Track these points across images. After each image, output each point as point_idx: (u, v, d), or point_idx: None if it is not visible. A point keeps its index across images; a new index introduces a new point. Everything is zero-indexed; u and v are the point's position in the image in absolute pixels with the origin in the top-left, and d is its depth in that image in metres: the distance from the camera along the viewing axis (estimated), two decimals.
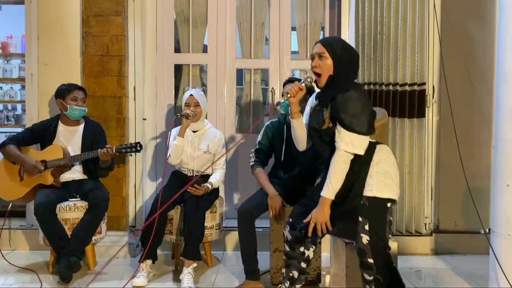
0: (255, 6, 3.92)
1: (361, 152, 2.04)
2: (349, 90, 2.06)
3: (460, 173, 3.11)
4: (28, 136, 3.16)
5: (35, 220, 2.96)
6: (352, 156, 2.05)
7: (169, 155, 3.06)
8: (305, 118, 2.29)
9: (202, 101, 3.12)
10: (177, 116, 3.07)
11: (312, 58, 2.15)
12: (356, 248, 2.06)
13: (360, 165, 2.07)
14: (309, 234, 2.10)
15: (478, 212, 2.95)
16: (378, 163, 2.08)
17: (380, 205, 2.05)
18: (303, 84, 2.18)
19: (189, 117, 3.04)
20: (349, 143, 2.02)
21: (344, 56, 2.09)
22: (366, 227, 2.02)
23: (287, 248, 2.28)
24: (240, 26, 3.95)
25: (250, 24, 3.94)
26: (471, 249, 3.42)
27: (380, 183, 2.05)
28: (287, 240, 2.27)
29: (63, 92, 3.12)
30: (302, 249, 2.23)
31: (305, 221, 2.11)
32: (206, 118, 3.32)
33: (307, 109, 2.31)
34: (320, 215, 2.06)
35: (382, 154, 2.12)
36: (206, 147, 3.15)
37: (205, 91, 3.92)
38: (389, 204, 2.06)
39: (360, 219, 2.04)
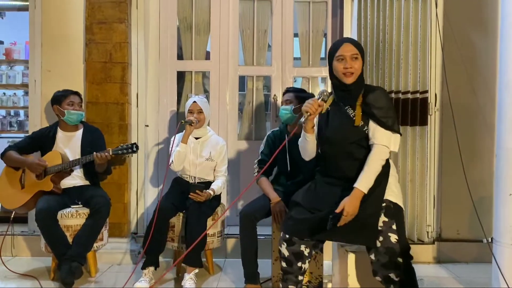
0: (257, 13, 3.94)
1: (396, 149, 2.15)
2: (376, 89, 2.18)
3: (463, 181, 3.10)
4: (28, 144, 3.17)
5: (37, 227, 2.96)
6: (388, 154, 2.12)
7: (172, 161, 3.06)
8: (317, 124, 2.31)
9: (205, 108, 3.13)
10: (181, 123, 3.08)
11: (342, 59, 2.16)
12: (384, 248, 2.05)
13: (382, 173, 2.12)
14: (340, 224, 2.06)
15: (481, 221, 2.93)
16: (392, 174, 2.19)
17: (401, 211, 2.15)
18: (321, 100, 2.18)
19: (192, 124, 3.05)
20: (388, 141, 2.10)
21: (363, 56, 2.21)
22: (394, 226, 2.06)
23: (284, 264, 2.27)
24: (243, 33, 3.97)
25: (252, 31, 3.95)
26: (474, 258, 3.40)
27: (398, 192, 2.19)
28: (284, 256, 2.26)
29: (59, 98, 3.13)
30: (300, 264, 2.24)
31: (337, 211, 2.06)
32: (209, 125, 3.32)
33: (316, 120, 2.30)
34: (354, 208, 2.05)
35: (392, 166, 2.23)
36: (208, 154, 3.15)
37: (207, 98, 3.93)
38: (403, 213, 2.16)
39: (386, 219, 2.07)
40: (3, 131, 4.13)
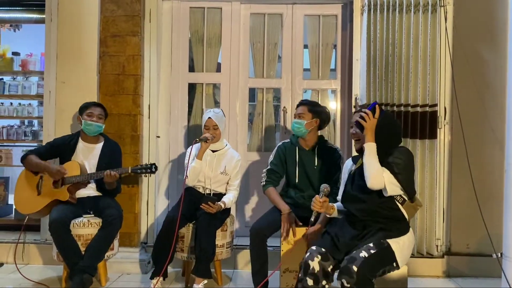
0: (268, 26, 3.99)
1: (383, 186, 2.23)
2: (398, 148, 2.31)
3: (472, 195, 3.11)
4: (48, 150, 3.21)
5: (49, 235, 3.01)
6: (382, 185, 2.22)
7: (186, 176, 3.10)
8: (343, 180, 2.56)
9: (220, 123, 3.16)
10: (196, 141, 3.10)
11: (352, 126, 2.46)
12: (349, 257, 2.15)
13: (397, 225, 2.28)
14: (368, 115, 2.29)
15: (490, 235, 2.93)
16: (405, 242, 2.28)
17: (392, 264, 2.23)
18: (323, 197, 2.44)
19: (207, 141, 3.08)
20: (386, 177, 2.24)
21: (381, 130, 2.32)
22: (372, 251, 2.14)
23: (311, 283, 2.19)
24: (253, 46, 4.02)
25: (263, 44, 4.00)
26: (483, 272, 3.37)
27: (406, 256, 2.30)
28: (313, 272, 2.20)
29: (82, 108, 3.20)
30: (324, 282, 2.22)
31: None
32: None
33: (345, 175, 2.52)
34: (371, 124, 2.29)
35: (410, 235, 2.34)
36: (223, 168, 3.18)
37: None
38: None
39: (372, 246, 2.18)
40: (17, 140, 4.20)
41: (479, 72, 3.49)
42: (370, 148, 2.27)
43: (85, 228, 3.01)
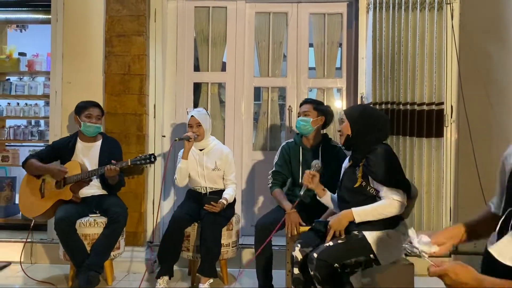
0: (273, 25, 3.98)
1: (405, 201, 2.25)
2: (376, 149, 2.29)
3: (479, 193, 3.08)
4: (48, 152, 3.25)
5: (55, 234, 3.02)
6: (398, 208, 2.23)
7: (175, 177, 3.14)
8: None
9: (203, 120, 3.15)
10: (176, 141, 3.12)
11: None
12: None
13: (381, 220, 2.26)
14: (327, 240, 2.26)
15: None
16: (390, 236, 2.26)
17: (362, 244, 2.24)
18: (314, 171, 2.52)
19: (190, 140, 3.08)
20: (394, 195, 2.23)
21: (359, 121, 2.37)
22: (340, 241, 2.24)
23: (296, 271, 2.32)
24: (258, 45, 4.01)
25: (268, 43, 4.00)
26: None
27: (392, 253, 2.28)
28: (297, 261, 2.31)
29: (80, 109, 3.21)
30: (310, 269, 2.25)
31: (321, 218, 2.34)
32: (223, 137, 3.35)
33: (342, 171, 2.54)
34: (337, 224, 2.27)
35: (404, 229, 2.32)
36: (214, 164, 3.18)
37: (223, 109, 3.98)
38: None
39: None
40: (24, 140, 4.22)
41: (486, 70, 3.46)
42: (358, 215, 2.26)
43: (91, 227, 3.03)
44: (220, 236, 3.00)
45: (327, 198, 2.54)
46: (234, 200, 3.24)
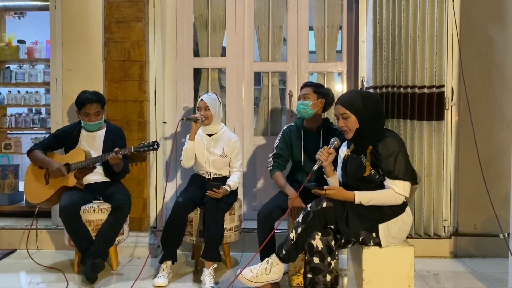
0: (272, 9, 3.95)
1: (407, 194, 2.30)
2: (385, 138, 2.28)
3: (480, 176, 3.10)
4: (52, 141, 3.28)
5: (60, 221, 3.06)
6: (399, 199, 2.28)
7: (181, 158, 3.17)
8: (338, 166, 2.53)
9: (212, 105, 3.17)
10: (182, 120, 3.17)
11: (337, 118, 2.41)
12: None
13: (392, 207, 2.31)
14: (316, 191, 2.34)
15: (498, 216, 2.93)
16: (397, 221, 2.32)
17: (373, 240, 2.33)
18: (332, 148, 2.43)
19: (197, 121, 3.10)
20: (398, 188, 2.27)
21: (365, 110, 2.32)
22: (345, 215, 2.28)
23: (317, 260, 2.27)
24: (258, 29, 3.99)
25: (268, 27, 3.97)
26: (491, 253, 3.39)
27: (394, 237, 2.34)
28: (318, 250, 2.27)
29: (79, 105, 3.18)
30: (329, 259, 2.27)
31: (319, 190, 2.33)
32: (224, 123, 3.35)
33: (340, 156, 2.52)
34: (337, 195, 2.30)
35: (408, 214, 2.38)
36: (221, 151, 3.20)
37: (224, 94, 3.98)
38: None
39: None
40: (26, 128, 4.24)
41: (487, 52, 3.45)
42: (359, 198, 2.29)
43: (95, 214, 3.06)
44: (222, 221, 3.03)
45: (335, 179, 2.50)
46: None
